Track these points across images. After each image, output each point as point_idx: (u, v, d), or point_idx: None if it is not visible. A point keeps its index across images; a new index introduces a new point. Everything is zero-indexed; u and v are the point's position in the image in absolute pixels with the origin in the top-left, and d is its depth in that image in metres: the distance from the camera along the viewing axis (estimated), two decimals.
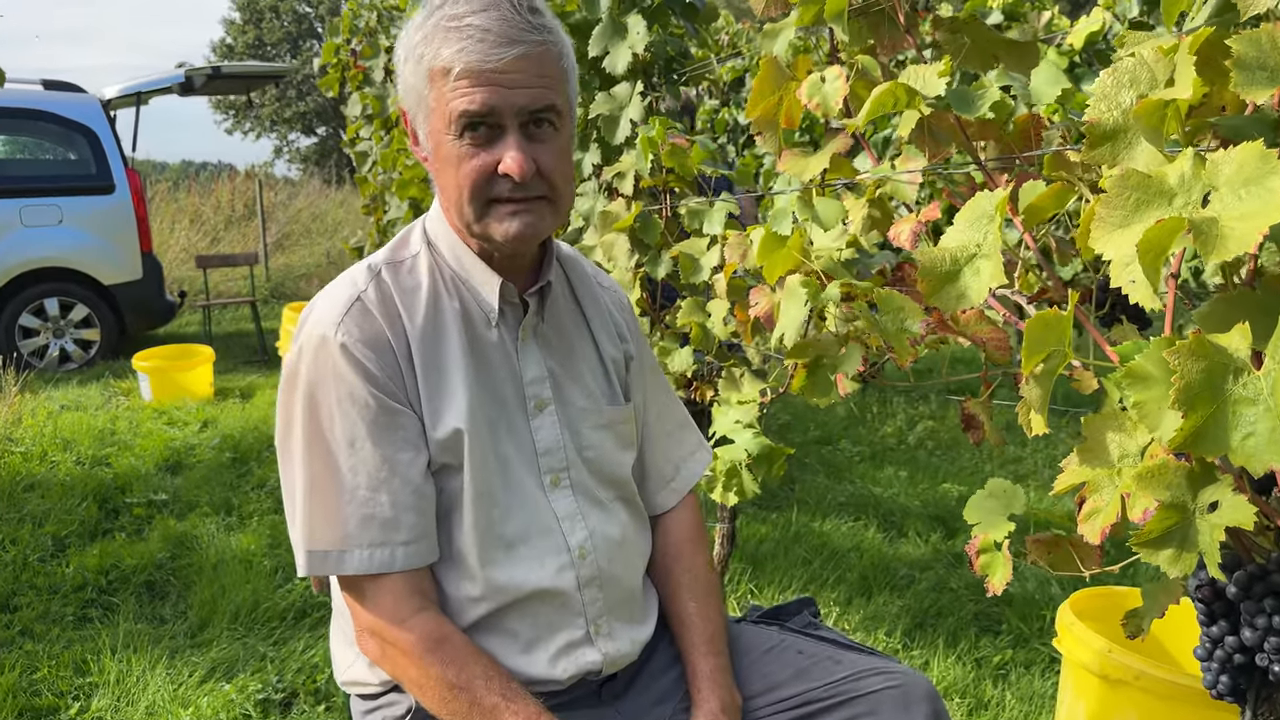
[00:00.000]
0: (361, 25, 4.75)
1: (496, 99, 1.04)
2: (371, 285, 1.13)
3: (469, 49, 1.02)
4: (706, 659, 1.21)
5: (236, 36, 28.50)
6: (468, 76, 1.03)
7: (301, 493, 1.08)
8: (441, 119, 1.06)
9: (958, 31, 1.43)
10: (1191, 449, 0.80)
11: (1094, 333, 1.08)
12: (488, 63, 1.02)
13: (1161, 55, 0.95)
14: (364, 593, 1.09)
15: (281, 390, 1.12)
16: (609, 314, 1.31)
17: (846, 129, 1.48)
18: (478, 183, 1.07)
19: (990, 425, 1.31)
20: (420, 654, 1.05)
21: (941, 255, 1.12)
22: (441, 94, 1.05)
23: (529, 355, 1.19)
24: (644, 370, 1.34)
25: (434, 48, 1.05)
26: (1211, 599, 1.03)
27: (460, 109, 1.04)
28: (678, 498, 1.34)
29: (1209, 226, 0.81)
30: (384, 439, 1.07)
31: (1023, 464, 4.00)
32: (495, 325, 1.17)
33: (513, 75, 1.04)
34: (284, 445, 1.12)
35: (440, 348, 1.13)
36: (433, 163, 1.12)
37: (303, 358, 1.10)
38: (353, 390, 1.07)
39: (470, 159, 1.06)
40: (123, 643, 2.41)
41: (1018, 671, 2.30)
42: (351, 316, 1.09)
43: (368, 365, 1.07)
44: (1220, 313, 0.90)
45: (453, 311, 1.15)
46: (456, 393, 1.11)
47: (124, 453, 4.06)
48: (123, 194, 6.46)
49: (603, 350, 1.27)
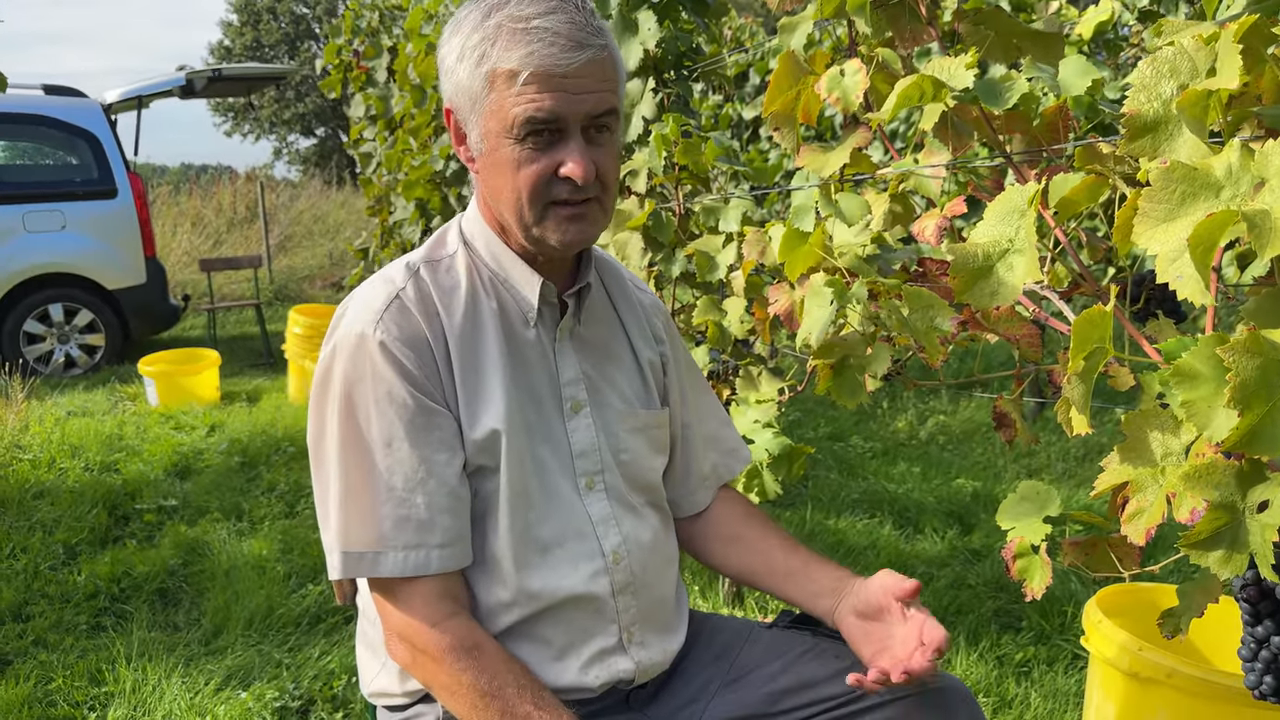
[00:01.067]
0: (363, 26, 4.73)
1: (564, 105, 1.02)
2: (410, 283, 1.11)
3: (539, 53, 1.00)
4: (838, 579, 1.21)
5: (234, 38, 28.47)
6: (536, 81, 1.01)
7: (337, 493, 1.07)
8: (500, 122, 1.04)
9: (981, 23, 1.41)
10: (1247, 448, 0.78)
11: (1131, 329, 1.06)
12: (558, 68, 1.01)
13: (1202, 44, 0.93)
14: (396, 596, 1.07)
15: (315, 389, 1.11)
16: (645, 318, 1.30)
17: (870, 123, 1.45)
18: (537, 186, 1.05)
19: (1022, 423, 1.29)
20: (452, 660, 1.03)
21: (973, 251, 1.10)
22: (504, 97, 1.03)
23: (565, 356, 1.18)
24: (681, 372, 1.33)
25: (499, 49, 1.02)
26: (1258, 599, 1.01)
27: (527, 114, 1.02)
28: (711, 496, 1.34)
29: (1262, 219, 0.78)
30: (421, 439, 1.05)
31: (1036, 458, 3.98)
32: (533, 325, 1.15)
33: (580, 80, 1.02)
34: (317, 445, 1.10)
35: (478, 347, 1.11)
36: (484, 164, 1.10)
37: (338, 356, 1.08)
38: (391, 389, 1.05)
39: (531, 163, 1.04)
40: (137, 651, 2.40)
41: (1040, 669, 2.28)
42: (390, 314, 1.08)
43: (406, 364, 1.06)
44: (1271, 307, 0.87)
45: (490, 311, 1.13)
46: (494, 393, 1.10)
47: (132, 458, 4.04)
48: (125, 198, 6.45)
49: (639, 353, 1.26)
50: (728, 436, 1.38)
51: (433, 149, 3.55)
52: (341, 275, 10.34)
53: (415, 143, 3.79)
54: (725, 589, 2.70)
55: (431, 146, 3.61)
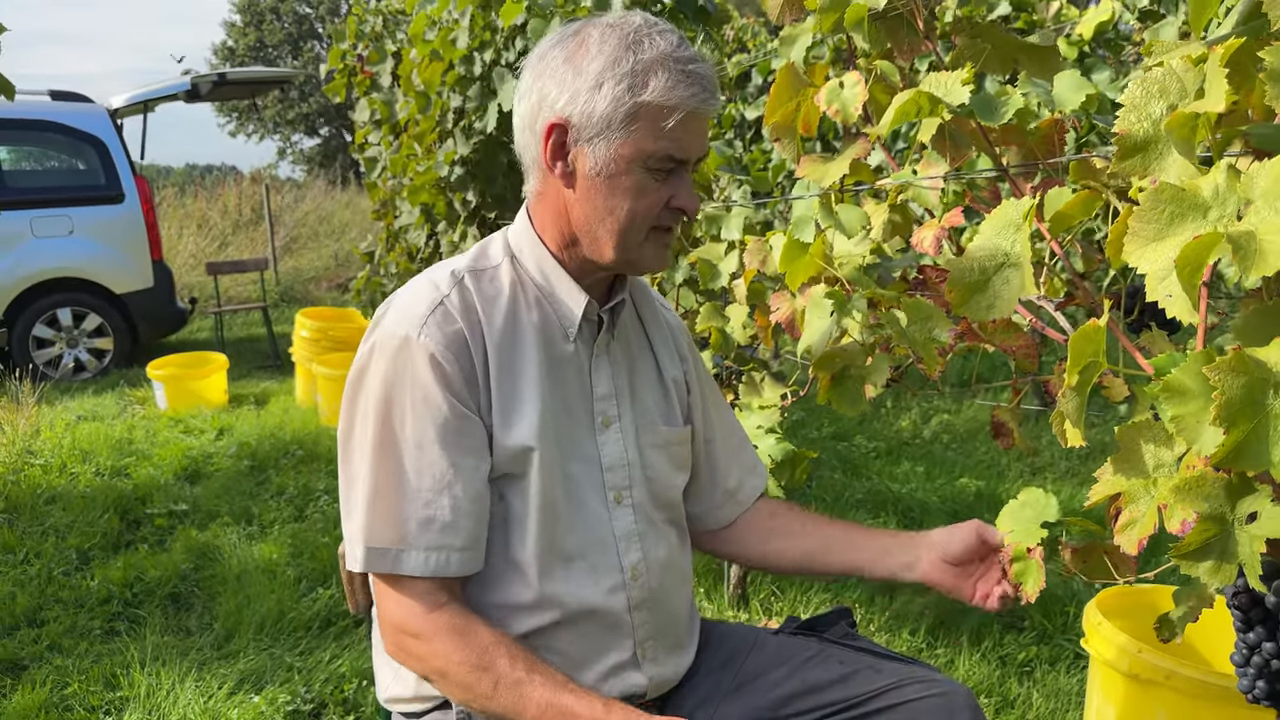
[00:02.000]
0: (367, 30, 4.75)
1: (695, 146, 1.12)
2: (455, 290, 1.14)
3: (698, 96, 1.08)
4: (900, 537, 1.29)
5: (238, 39, 28.52)
6: (686, 121, 1.08)
7: (365, 490, 1.09)
8: (637, 150, 1.08)
9: (978, 36, 1.43)
10: (1233, 464, 0.80)
11: (1125, 341, 1.08)
12: (705, 110, 1.10)
13: (1190, 65, 0.95)
14: (397, 587, 1.09)
15: (350, 386, 1.13)
16: (670, 336, 1.34)
17: (869, 136, 1.48)
18: (653, 213, 1.12)
19: (1019, 431, 1.32)
20: (443, 640, 1.06)
21: (970, 264, 1.12)
22: (652, 128, 1.07)
23: (600, 371, 1.21)
24: (704, 390, 1.36)
25: (659, 84, 1.06)
26: (1249, 606, 1.03)
27: (670, 151, 1.08)
28: (741, 509, 1.37)
29: (1247, 241, 0.80)
30: (452, 443, 1.08)
31: (1040, 456, 4.00)
32: (573, 340, 1.18)
33: (705, 124, 1.13)
34: (346, 440, 1.13)
35: (517, 356, 1.14)
36: (593, 185, 1.10)
37: (377, 356, 1.11)
38: (428, 393, 1.08)
39: (653, 192, 1.11)
40: (151, 655, 2.43)
41: (1043, 668, 2.30)
42: (435, 319, 1.10)
43: (446, 369, 1.09)
44: (1257, 325, 0.90)
45: (531, 323, 1.16)
46: (529, 405, 1.13)
47: (142, 463, 4.08)
48: (132, 203, 6.49)
49: (664, 370, 1.30)
50: (749, 455, 1.41)
51: (437, 154, 3.58)
52: (348, 276, 10.38)
53: (420, 148, 3.82)
54: (730, 591, 2.72)
55: (436, 152, 3.64)
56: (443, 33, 3.40)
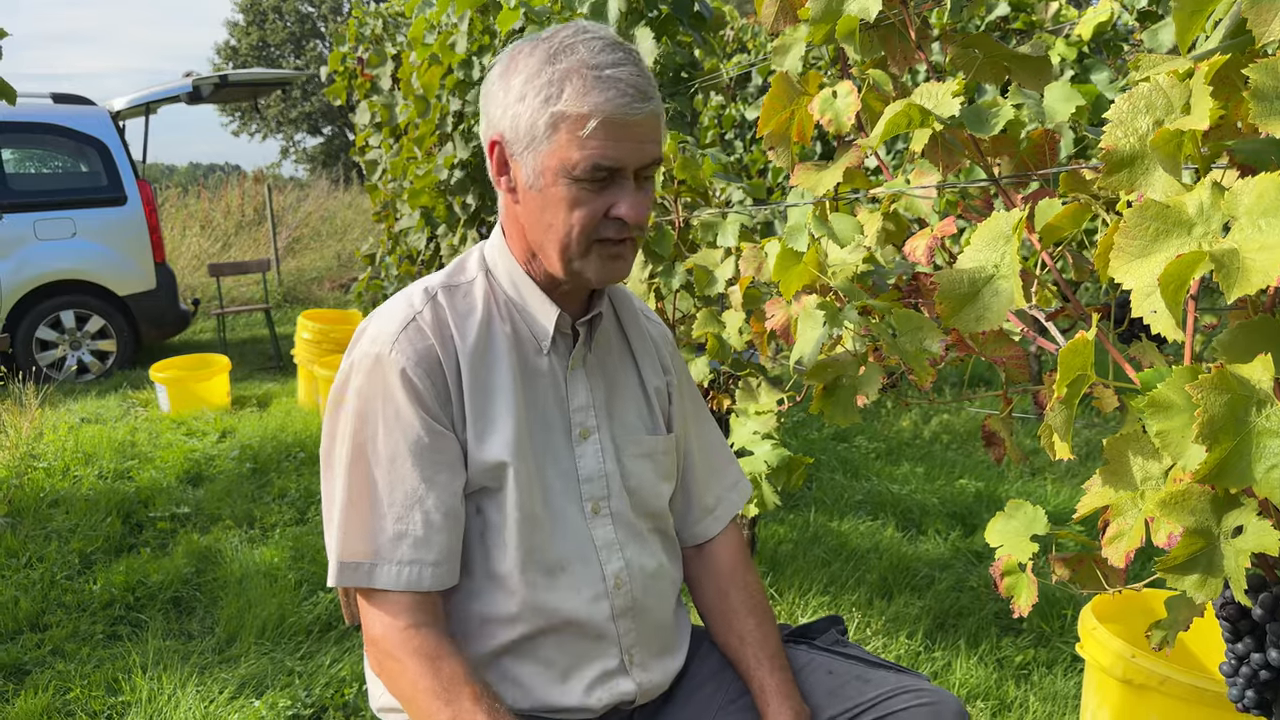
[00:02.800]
0: (367, 33, 4.76)
1: (627, 154, 1.07)
2: (427, 307, 1.15)
3: (614, 101, 1.05)
4: (773, 674, 1.23)
5: (240, 38, 28.56)
6: (606, 128, 1.05)
7: (340, 505, 1.12)
8: (561, 161, 1.07)
9: (969, 46, 1.43)
10: (1216, 481, 0.81)
11: (1115, 353, 1.08)
12: (630, 117, 1.06)
13: (1176, 80, 0.96)
14: (376, 603, 1.11)
15: (330, 403, 1.16)
16: (654, 346, 1.34)
17: (862, 146, 1.48)
18: (589, 224, 1.10)
19: (1011, 442, 1.32)
20: (414, 664, 1.07)
21: (959, 276, 1.13)
22: (571, 138, 1.06)
23: (577, 383, 1.21)
24: (685, 402, 1.36)
25: (570, 93, 1.06)
26: (1237, 617, 1.04)
27: (594, 160, 1.06)
28: (720, 526, 1.36)
29: (1230, 259, 0.81)
30: (424, 459, 1.10)
31: (1039, 456, 4.00)
32: (546, 353, 1.19)
33: (641, 130, 1.08)
34: (327, 458, 1.15)
35: (490, 370, 1.15)
36: (532, 198, 1.12)
37: (354, 374, 1.13)
38: (400, 410, 1.10)
39: (587, 203, 1.09)
40: (153, 660, 2.44)
41: (1040, 671, 2.31)
42: (406, 336, 1.12)
43: (418, 385, 1.10)
44: (1241, 341, 0.90)
45: (504, 336, 1.17)
46: (503, 419, 1.14)
47: (145, 465, 4.10)
48: (135, 205, 6.51)
49: (646, 381, 1.30)
50: (729, 469, 1.41)
51: (437, 158, 3.59)
52: (350, 277, 10.40)
53: (420, 151, 3.83)
54: None
55: (436, 155, 3.65)
56: (442, 37, 3.41)
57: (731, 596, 1.31)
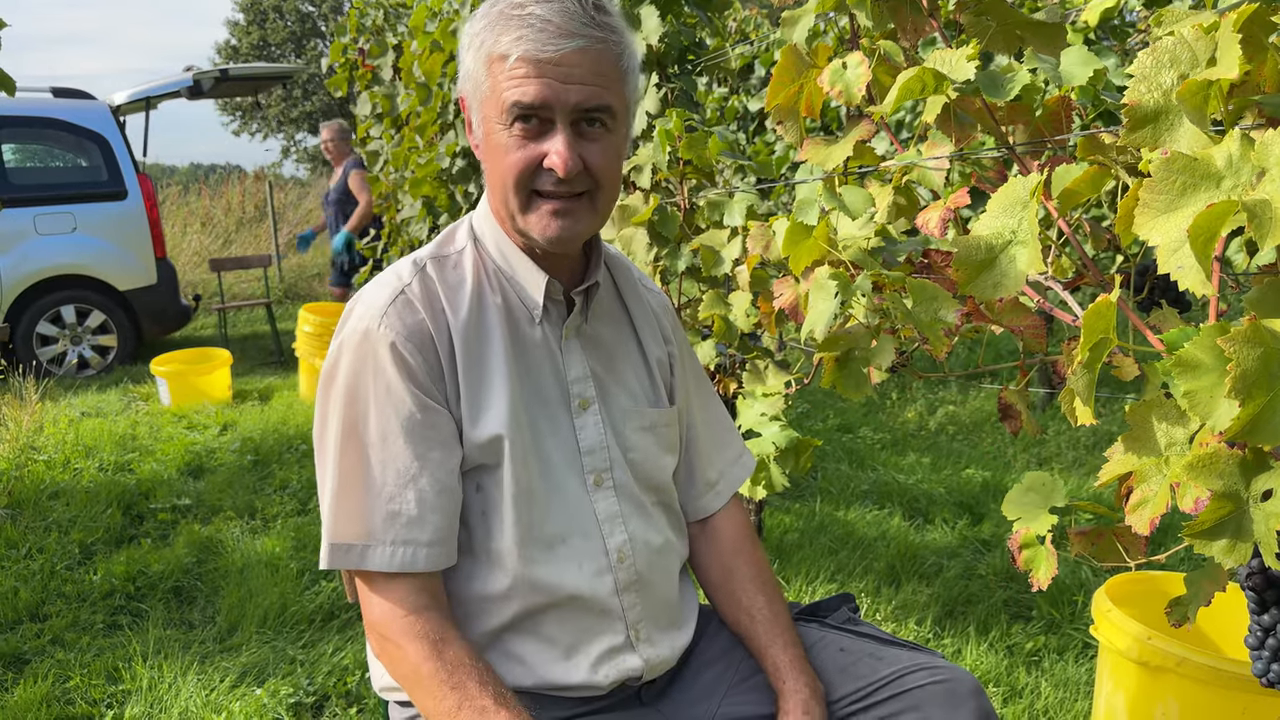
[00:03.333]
0: (368, 24, 4.73)
1: (549, 92, 1.03)
2: (416, 280, 1.12)
3: (527, 37, 1.02)
4: (786, 650, 1.20)
5: (241, 37, 28.54)
6: (523, 65, 1.02)
7: (331, 486, 1.08)
8: (495, 107, 1.05)
9: (983, 13, 1.40)
10: (1248, 438, 0.78)
11: (1135, 319, 1.06)
12: (544, 53, 1.02)
13: (1202, 34, 0.93)
14: (376, 587, 1.08)
15: (321, 383, 1.12)
16: (654, 316, 1.30)
17: (872, 116, 1.45)
18: (523, 173, 1.06)
19: (1027, 414, 1.29)
20: (417, 649, 1.04)
21: (976, 243, 1.10)
22: (497, 81, 1.04)
23: (572, 354, 1.18)
24: (687, 374, 1.33)
25: (494, 34, 1.04)
26: (1263, 587, 1.01)
27: (513, 99, 1.03)
28: (721, 502, 1.33)
29: (1263, 209, 0.78)
30: (417, 436, 1.06)
31: (1046, 446, 3.97)
32: (539, 323, 1.16)
33: (568, 69, 1.03)
34: (320, 439, 1.12)
35: (483, 343, 1.12)
36: (483, 151, 1.12)
37: (344, 351, 1.09)
38: (390, 385, 1.06)
39: (518, 149, 1.05)
40: (153, 649, 2.42)
41: (1051, 658, 2.28)
42: (395, 310, 1.09)
43: (408, 360, 1.07)
44: (1272, 297, 0.87)
45: (496, 307, 1.14)
46: (498, 392, 1.11)
47: (146, 458, 4.07)
48: (135, 200, 6.49)
49: (647, 351, 1.27)
50: (732, 443, 1.38)
51: (439, 146, 3.56)
52: None
53: (421, 140, 3.81)
54: None
55: (438, 144, 3.62)
56: (443, 24, 3.38)
57: (738, 572, 1.29)
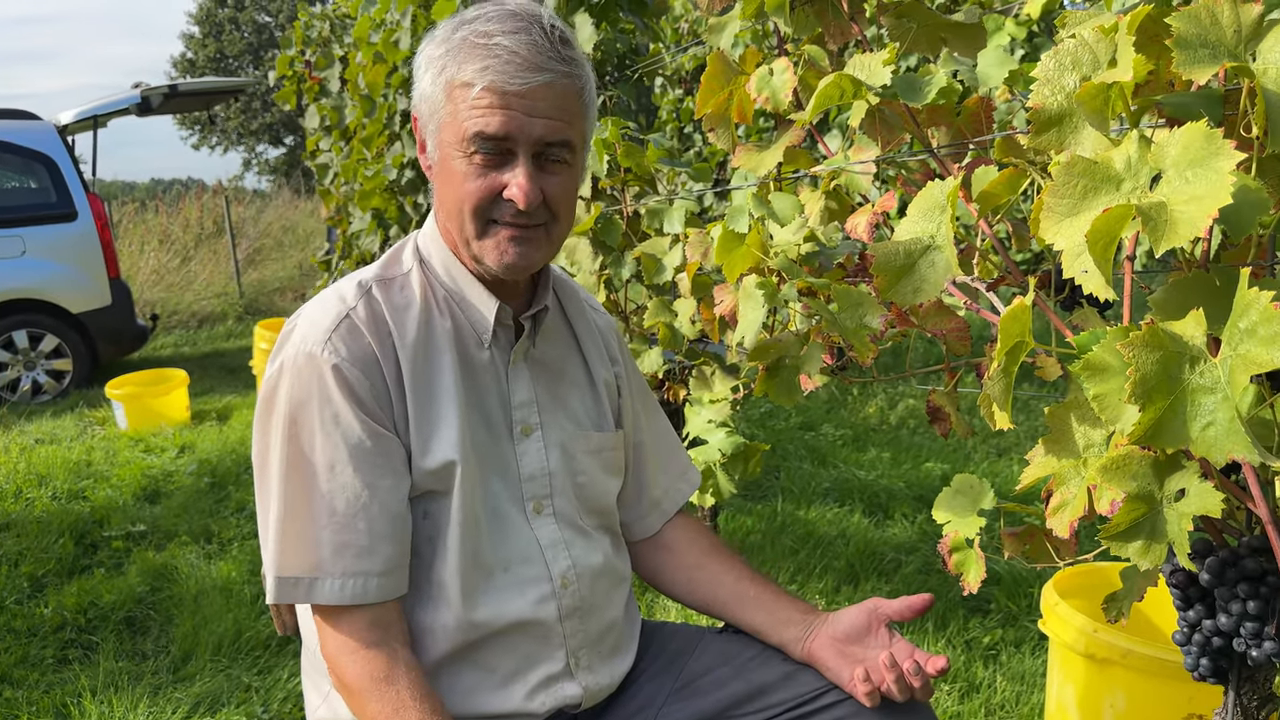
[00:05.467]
0: (314, 36, 4.68)
1: (513, 125, 1.02)
2: (361, 302, 1.09)
3: (494, 68, 1.00)
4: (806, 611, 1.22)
5: (197, 50, 28.21)
6: (488, 95, 1.01)
7: (275, 516, 1.05)
8: (454, 133, 1.04)
9: (903, 16, 1.40)
10: (1152, 441, 0.78)
11: (1055, 319, 1.06)
12: (511, 85, 1.01)
13: (1102, 35, 0.93)
14: (329, 622, 1.06)
15: (260, 408, 1.09)
16: (600, 337, 1.29)
17: (797, 122, 1.45)
18: (481, 202, 1.05)
19: (956, 416, 1.29)
20: (359, 689, 1.02)
21: (895, 249, 1.10)
22: (458, 109, 1.03)
23: (519, 379, 1.16)
24: (634, 394, 1.32)
25: (458, 61, 1.03)
26: (1186, 584, 1.01)
27: (476, 129, 1.02)
28: (665, 519, 1.33)
29: (1158, 212, 0.78)
30: (366, 464, 1.04)
31: (1005, 437, 4.00)
32: (488, 347, 1.14)
33: (533, 103, 1.02)
34: (261, 466, 1.08)
35: (432, 368, 1.10)
36: (436, 174, 1.10)
37: (285, 376, 1.06)
38: (338, 412, 1.04)
39: (477, 178, 1.04)
40: (103, 683, 2.37)
41: (1008, 651, 2.29)
42: (340, 334, 1.06)
43: (355, 386, 1.04)
44: (1175, 298, 0.88)
45: (444, 331, 1.12)
46: (447, 418, 1.08)
47: (101, 484, 4.00)
48: (85, 220, 6.36)
49: (595, 374, 1.25)
50: (678, 460, 1.38)
51: (386, 158, 3.53)
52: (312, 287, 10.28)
53: (369, 152, 3.77)
54: None
55: (385, 156, 3.59)
56: (385, 35, 3.35)
57: (702, 571, 1.29)
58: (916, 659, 1.10)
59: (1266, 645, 0.92)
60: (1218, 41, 0.83)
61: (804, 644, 1.18)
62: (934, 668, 1.09)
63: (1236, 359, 0.73)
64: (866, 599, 1.19)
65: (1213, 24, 0.83)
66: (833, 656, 1.15)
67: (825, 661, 1.16)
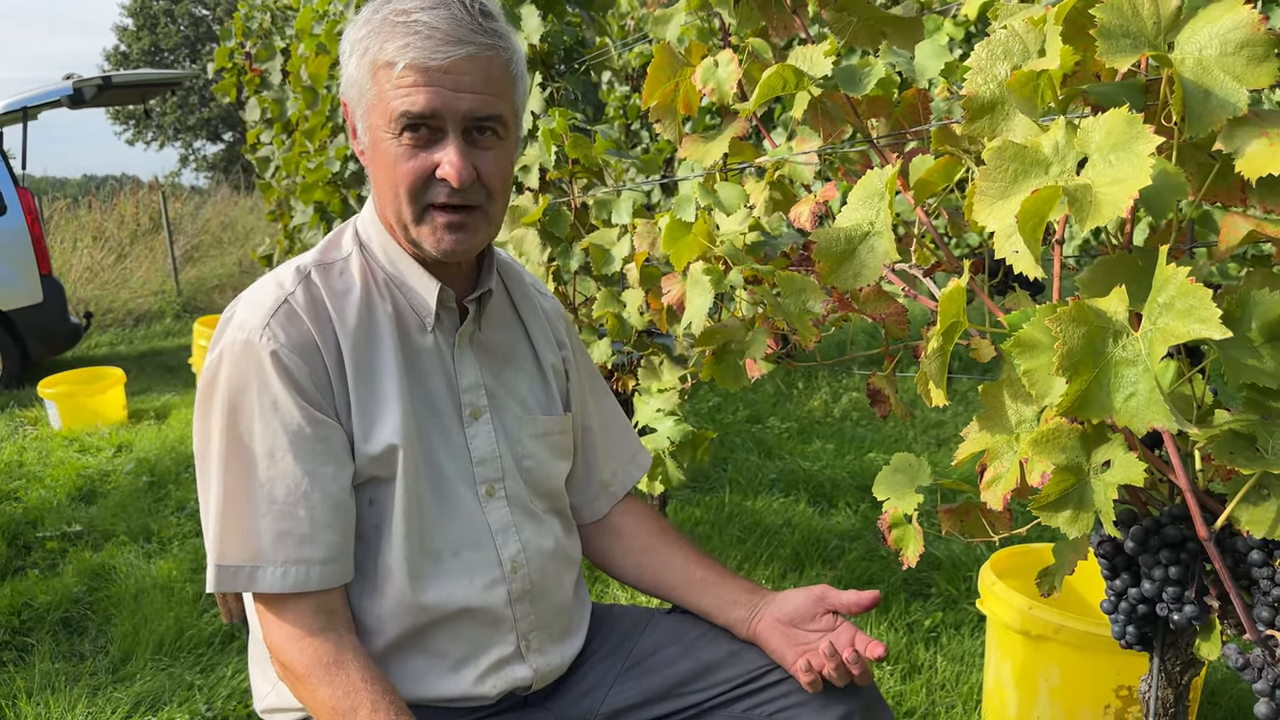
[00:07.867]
0: (255, 27, 4.61)
1: (439, 101, 1.01)
2: (300, 288, 1.09)
3: (414, 44, 0.99)
4: (753, 592, 1.23)
5: (131, 43, 27.47)
6: (411, 73, 1.00)
7: (216, 504, 1.04)
8: (382, 116, 1.03)
9: (844, 9, 1.44)
10: (1078, 413, 0.82)
11: (989, 302, 1.10)
12: (433, 60, 0.99)
13: (1032, 26, 0.97)
14: (272, 610, 1.05)
15: (199, 397, 1.08)
16: (547, 321, 1.30)
17: (742, 113, 1.47)
18: (415, 185, 1.04)
19: (895, 398, 1.33)
20: (310, 676, 1.02)
21: (836, 235, 1.13)
22: (383, 90, 1.02)
23: (465, 362, 1.16)
24: (583, 377, 1.33)
25: (379, 41, 1.02)
26: (1113, 554, 1.06)
27: (402, 108, 1.01)
28: (613, 503, 1.34)
29: (1083, 194, 0.82)
30: (306, 451, 1.03)
31: (944, 428, 4.09)
32: (431, 331, 1.14)
33: (458, 77, 1.01)
34: (202, 454, 1.07)
35: (373, 353, 1.09)
36: (370, 159, 1.09)
37: (224, 363, 1.05)
38: (276, 399, 1.03)
39: (408, 159, 1.03)
40: (39, 684, 2.31)
41: (948, 633, 2.35)
42: (278, 320, 1.05)
43: (294, 373, 1.04)
44: (1100, 277, 0.92)
45: (386, 315, 1.11)
46: (390, 403, 1.08)
47: (34, 485, 3.89)
48: (15, 215, 6.17)
49: (542, 358, 1.26)
50: (628, 442, 1.39)
51: (329, 151, 3.49)
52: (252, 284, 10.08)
53: (311, 145, 3.72)
54: None
55: (328, 148, 3.55)
56: (329, 25, 3.31)
57: (650, 554, 1.30)
58: (856, 646, 1.12)
59: (1187, 609, 0.97)
60: (1139, 32, 0.87)
61: (749, 625, 1.20)
62: (872, 653, 1.11)
63: (1156, 332, 0.77)
64: (813, 585, 1.22)
65: (1134, 15, 0.87)
66: (776, 638, 1.17)
67: (769, 642, 1.18)
